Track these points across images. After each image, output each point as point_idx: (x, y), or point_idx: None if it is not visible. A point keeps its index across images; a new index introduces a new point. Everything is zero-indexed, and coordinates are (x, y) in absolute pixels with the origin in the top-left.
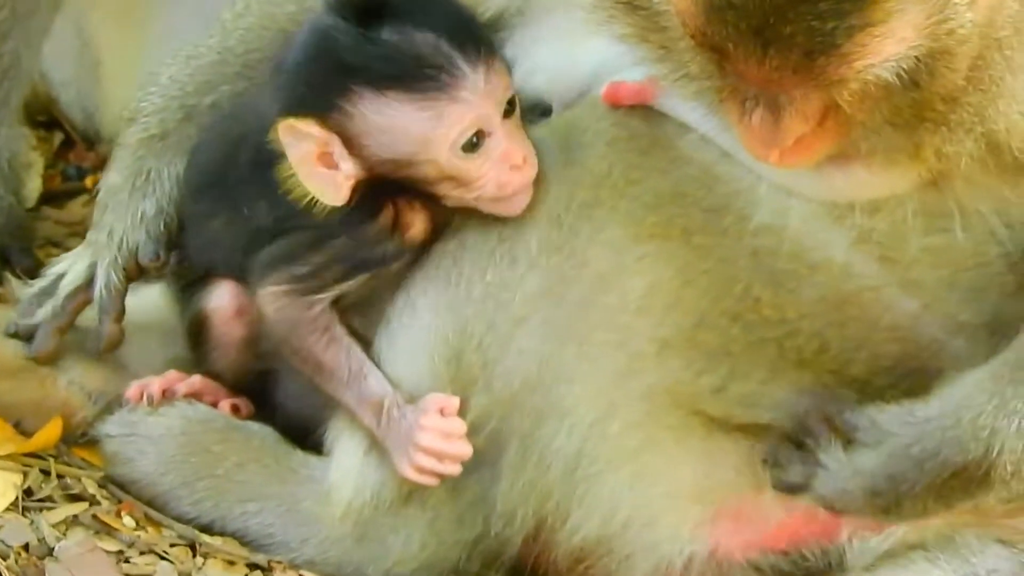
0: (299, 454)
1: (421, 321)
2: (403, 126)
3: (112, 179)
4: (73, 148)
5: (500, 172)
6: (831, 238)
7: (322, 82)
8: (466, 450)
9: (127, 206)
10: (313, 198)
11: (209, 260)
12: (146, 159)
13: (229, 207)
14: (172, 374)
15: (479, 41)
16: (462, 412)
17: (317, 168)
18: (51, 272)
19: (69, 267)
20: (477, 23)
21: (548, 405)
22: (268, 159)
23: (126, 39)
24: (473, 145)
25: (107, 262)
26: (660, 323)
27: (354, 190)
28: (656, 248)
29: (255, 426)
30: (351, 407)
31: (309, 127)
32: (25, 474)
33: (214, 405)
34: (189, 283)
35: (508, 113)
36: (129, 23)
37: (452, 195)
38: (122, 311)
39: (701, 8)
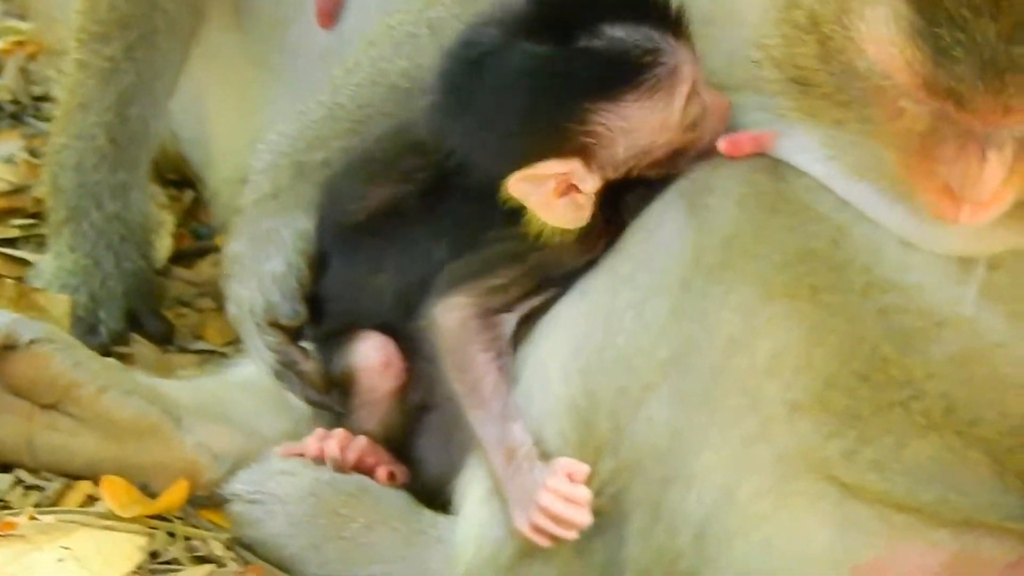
0: (428, 515)
1: (551, 385)
2: (642, 120)
3: (233, 248)
4: (204, 207)
5: (715, 122)
6: (958, 293)
7: (552, 116)
8: (586, 519)
9: (252, 273)
10: (558, 230)
11: (356, 314)
12: (262, 220)
13: (395, 256)
14: (342, 432)
15: (667, 11)
16: (590, 476)
17: (558, 201)
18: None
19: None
20: None
21: (677, 471)
22: (442, 192)
23: (236, 109)
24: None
25: (254, 337)
26: (789, 385)
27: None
28: (785, 308)
29: (385, 488)
30: (487, 443)
31: (548, 168)
32: (151, 536)
33: (370, 470)
34: (329, 339)
35: None
36: (244, 97)
37: (676, 167)
38: (302, 351)
39: (928, 55)
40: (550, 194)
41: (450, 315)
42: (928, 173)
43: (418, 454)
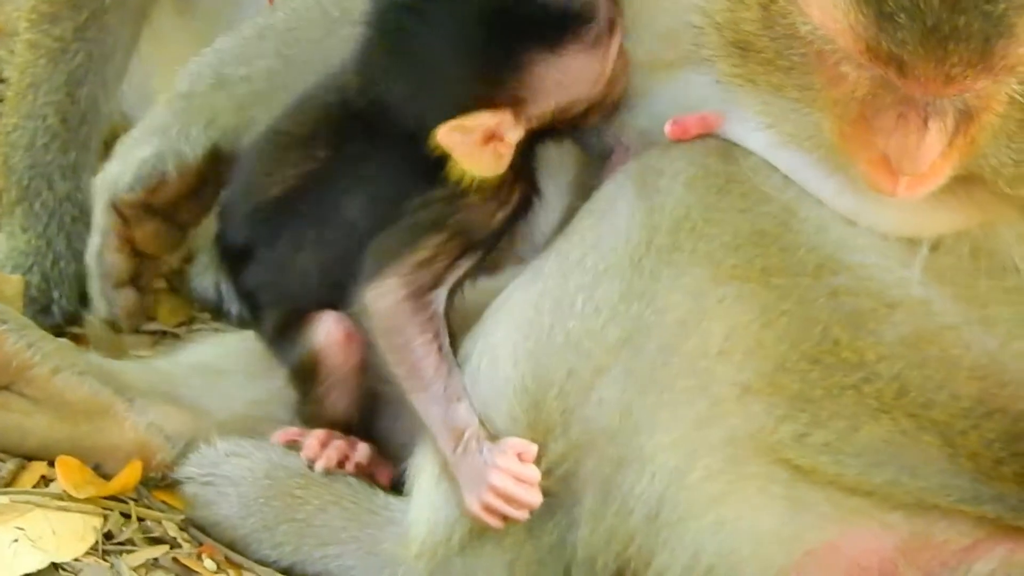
0: (380, 496)
1: (501, 369)
2: (579, 73)
3: (130, 133)
4: None
5: (625, 79)
6: (907, 275)
7: (496, 66)
8: (536, 499)
9: (126, 153)
10: (477, 178)
11: (287, 298)
12: (162, 114)
13: (315, 231)
14: (342, 443)
15: None
16: (539, 457)
17: (481, 150)
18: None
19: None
20: None
21: (628, 452)
22: (358, 162)
23: None
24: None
25: (97, 212)
26: (741, 368)
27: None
28: (735, 290)
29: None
30: (432, 425)
31: (480, 119)
32: (105, 517)
33: (369, 474)
34: (280, 334)
35: None
36: None
37: (588, 122)
38: (121, 245)
39: (872, 20)
40: (475, 144)
41: (383, 299)
42: (866, 143)
43: (374, 434)
